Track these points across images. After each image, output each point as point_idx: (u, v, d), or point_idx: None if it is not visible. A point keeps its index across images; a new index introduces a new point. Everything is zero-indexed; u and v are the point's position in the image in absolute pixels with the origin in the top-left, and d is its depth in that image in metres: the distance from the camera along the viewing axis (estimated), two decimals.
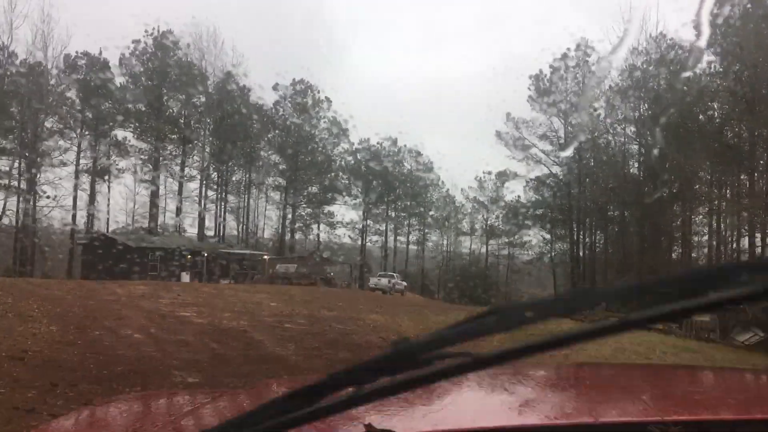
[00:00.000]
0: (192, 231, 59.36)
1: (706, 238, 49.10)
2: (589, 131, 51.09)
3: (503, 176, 54.86)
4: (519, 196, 71.75)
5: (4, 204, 46.42)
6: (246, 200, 66.11)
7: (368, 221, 71.68)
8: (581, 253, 55.28)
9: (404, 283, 57.03)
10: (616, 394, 2.02)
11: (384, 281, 53.05)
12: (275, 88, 61.85)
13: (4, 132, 50.00)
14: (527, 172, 56.17)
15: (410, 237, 76.09)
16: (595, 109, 53.30)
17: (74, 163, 54.58)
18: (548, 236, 66.16)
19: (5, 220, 46.54)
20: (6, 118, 49.80)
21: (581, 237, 55.41)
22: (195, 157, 61.14)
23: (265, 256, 49.32)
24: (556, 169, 56.37)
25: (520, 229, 69.87)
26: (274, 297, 23.80)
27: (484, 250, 77.98)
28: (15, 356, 8.24)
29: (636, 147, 53.71)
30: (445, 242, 78.63)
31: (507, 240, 75.22)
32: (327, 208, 68.32)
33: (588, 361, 6.70)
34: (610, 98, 51.84)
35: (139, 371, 8.02)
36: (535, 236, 68.90)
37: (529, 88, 52.39)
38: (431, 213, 76.40)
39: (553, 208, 56.41)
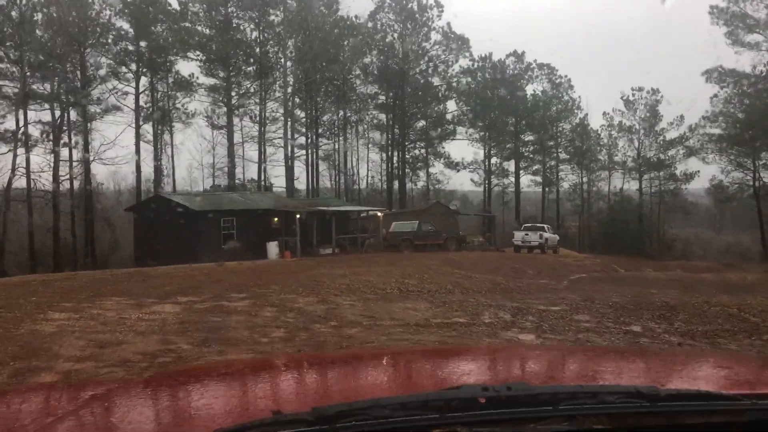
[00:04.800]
0: (279, 185, 47.57)
1: None
2: None
3: (721, 75, 38.40)
4: (681, 116, 55.45)
5: (28, 163, 35.37)
6: (342, 143, 53.45)
7: (492, 160, 57.54)
8: None
9: (557, 237, 43.30)
10: None
11: (534, 236, 39.51)
12: None
13: (41, 72, 39.09)
14: (753, 67, 39.06)
15: (542, 176, 60.98)
16: None
17: (132, 108, 43.55)
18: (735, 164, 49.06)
19: (37, 184, 35.28)
20: (41, 54, 38.86)
21: None
22: (276, 92, 48.80)
23: (379, 213, 36.46)
24: None
25: (690, 155, 53.56)
26: (413, 306, 11.14)
27: (634, 186, 62.06)
28: None
29: None
30: (584, 179, 62.89)
31: (667, 173, 59.02)
32: (441, 146, 54.65)
33: None
34: None
35: None
36: (712, 165, 52.04)
37: None
38: (566, 146, 60.99)
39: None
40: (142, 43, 43.56)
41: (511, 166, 59.11)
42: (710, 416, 1.19)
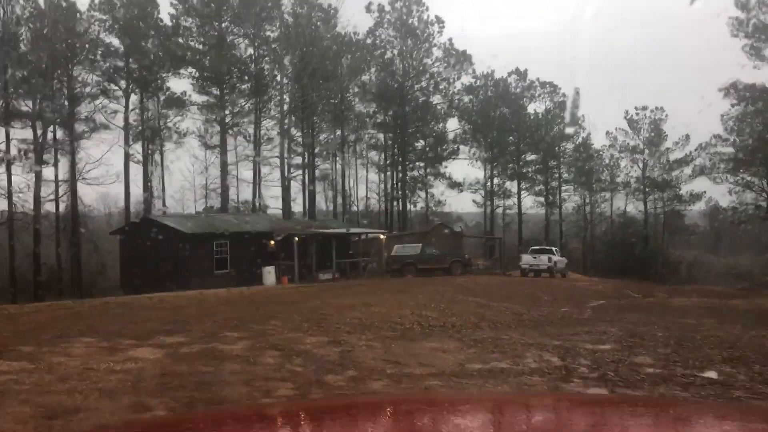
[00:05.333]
0: (274, 207, 45.67)
1: None
2: None
3: (740, 91, 37.06)
4: (687, 135, 54.19)
5: (7, 187, 33.33)
6: (341, 164, 51.64)
7: (494, 180, 55.91)
8: None
9: (565, 260, 41.57)
10: None
11: (543, 259, 37.69)
12: (369, 8, 46.69)
13: (25, 88, 37.31)
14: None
15: (545, 197, 59.27)
16: None
17: (121, 127, 41.75)
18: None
19: (17, 206, 33.10)
20: (25, 70, 37.12)
21: None
22: (272, 111, 47.15)
23: (381, 236, 34.61)
24: None
25: (701, 174, 51.96)
26: (440, 346, 9.39)
27: (638, 207, 60.39)
28: None
29: None
30: (587, 200, 61.28)
31: (672, 193, 57.45)
32: (443, 166, 52.99)
33: None
34: None
35: None
36: (721, 186, 50.47)
37: None
38: (569, 166, 59.42)
39: None
40: (132, 60, 41.92)
41: (512, 186, 57.53)
42: None
